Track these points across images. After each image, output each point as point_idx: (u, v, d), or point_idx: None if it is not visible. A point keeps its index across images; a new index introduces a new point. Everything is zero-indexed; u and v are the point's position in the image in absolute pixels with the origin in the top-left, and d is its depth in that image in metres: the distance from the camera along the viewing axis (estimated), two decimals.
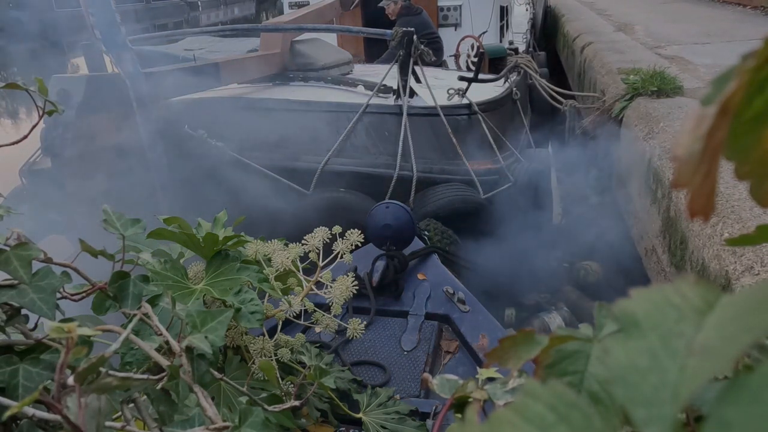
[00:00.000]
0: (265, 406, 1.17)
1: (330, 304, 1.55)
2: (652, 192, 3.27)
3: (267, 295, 1.44)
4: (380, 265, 2.56)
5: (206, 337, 0.96)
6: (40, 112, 0.98)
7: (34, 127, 1.02)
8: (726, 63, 0.31)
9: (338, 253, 1.58)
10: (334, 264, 1.59)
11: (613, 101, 4.51)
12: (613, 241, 4.01)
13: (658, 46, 6.44)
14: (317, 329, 1.63)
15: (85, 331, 0.66)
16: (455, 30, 7.06)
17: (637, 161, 3.70)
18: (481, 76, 4.53)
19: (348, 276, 1.58)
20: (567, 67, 8.36)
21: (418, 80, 4.25)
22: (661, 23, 8.24)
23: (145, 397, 0.83)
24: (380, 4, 6.39)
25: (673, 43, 6.53)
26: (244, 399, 1.17)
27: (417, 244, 2.83)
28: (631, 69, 4.68)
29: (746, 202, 2.26)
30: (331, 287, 1.55)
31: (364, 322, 1.67)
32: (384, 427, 1.64)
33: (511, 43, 7.37)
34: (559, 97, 5.15)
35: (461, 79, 4.42)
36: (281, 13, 7.29)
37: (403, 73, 4.06)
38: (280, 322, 1.54)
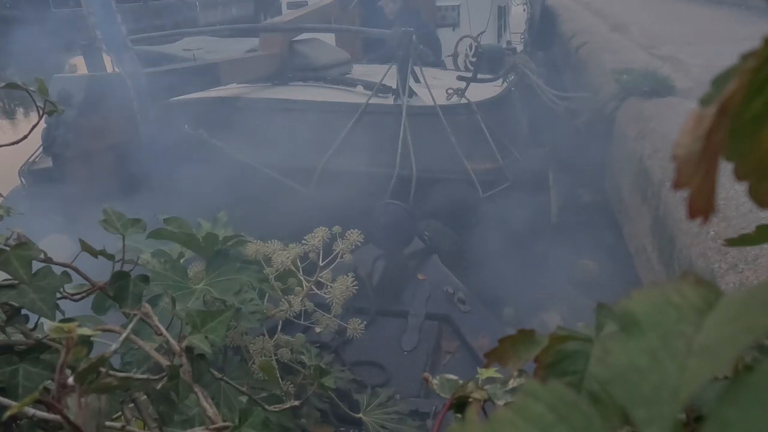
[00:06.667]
0: (265, 406, 1.17)
1: (330, 304, 1.55)
2: (642, 191, 3.28)
3: (267, 295, 1.44)
4: (380, 265, 2.57)
5: (206, 337, 0.96)
6: (40, 112, 0.97)
7: (34, 127, 1.02)
8: (720, 63, 0.31)
9: (338, 253, 1.58)
10: (334, 264, 1.59)
11: (606, 101, 4.51)
12: (608, 239, 4.01)
13: (652, 46, 6.44)
14: (317, 329, 1.63)
15: (85, 331, 0.66)
16: (453, 30, 7.05)
17: (628, 161, 3.71)
18: (479, 75, 4.53)
19: (348, 276, 1.58)
20: (563, 67, 8.37)
21: (417, 80, 4.25)
22: (656, 23, 8.24)
23: (145, 397, 0.83)
24: (378, 4, 6.39)
25: (667, 43, 6.52)
26: (244, 399, 1.17)
27: (417, 244, 2.83)
28: (623, 69, 4.67)
29: (732, 200, 2.27)
30: (331, 287, 1.55)
31: (364, 322, 1.67)
32: (384, 427, 1.64)
33: (508, 43, 7.37)
34: (554, 98, 5.15)
35: (460, 78, 4.42)
36: (279, 13, 7.28)
37: (402, 72, 4.06)
38: (280, 322, 1.54)
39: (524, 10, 9.92)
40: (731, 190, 2.32)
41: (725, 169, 0.31)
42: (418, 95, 4.18)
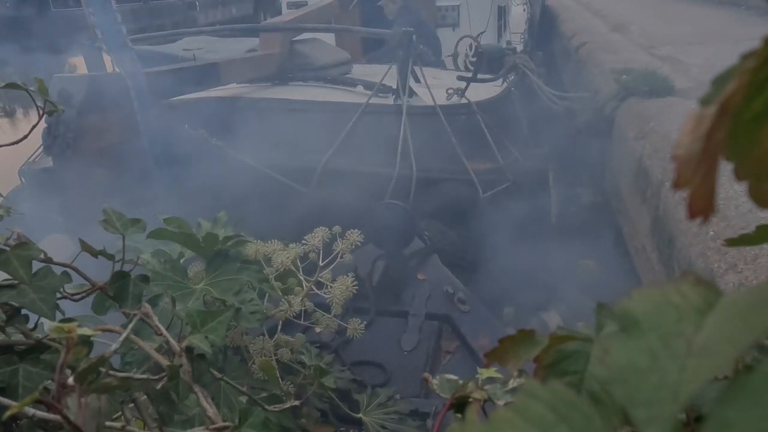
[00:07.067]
0: (265, 406, 1.17)
1: (330, 304, 1.55)
2: (642, 191, 3.28)
3: (267, 295, 1.44)
4: (380, 265, 2.56)
5: (206, 337, 0.96)
6: (40, 112, 0.98)
7: (34, 127, 1.02)
8: (720, 63, 0.31)
9: (338, 253, 1.58)
10: (334, 264, 1.59)
11: (606, 101, 4.51)
12: (608, 239, 4.02)
13: (652, 46, 6.43)
14: (317, 329, 1.63)
15: (85, 331, 0.66)
16: (453, 30, 7.06)
17: (627, 161, 3.71)
18: (479, 75, 4.54)
19: (348, 276, 1.58)
20: (563, 67, 8.37)
21: (417, 80, 4.25)
22: (656, 23, 8.23)
23: (145, 397, 0.83)
24: (378, 4, 6.39)
25: (667, 43, 6.52)
26: (244, 399, 1.17)
27: (417, 244, 2.83)
28: (623, 69, 4.68)
29: (731, 201, 2.27)
30: (331, 287, 1.55)
31: (364, 322, 1.67)
32: (384, 427, 1.64)
33: (508, 43, 7.37)
34: (554, 98, 5.15)
35: (460, 78, 4.42)
36: (279, 13, 7.29)
37: (402, 72, 4.06)
38: (280, 322, 1.54)
39: (524, 10, 9.92)
40: (731, 190, 2.32)
41: (725, 169, 0.31)
42: (418, 95, 4.18)
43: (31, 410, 0.65)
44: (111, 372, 0.70)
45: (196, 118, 3.73)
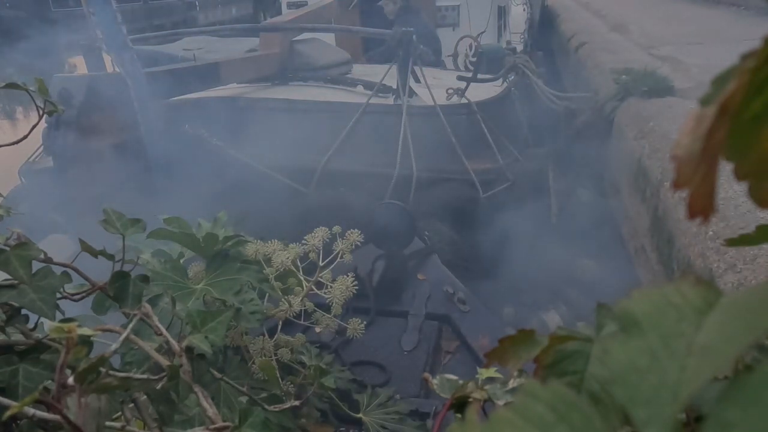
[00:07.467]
0: (265, 406, 1.17)
1: (330, 304, 1.55)
2: (641, 191, 3.28)
3: (267, 295, 1.44)
4: (380, 265, 2.56)
5: (206, 337, 0.96)
6: (40, 112, 0.98)
7: (34, 127, 1.02)
8: (719, 63, 0.31)
9: (338, 253, 1.58)
10: (334, 264, 1.59)
11: (605, 101, 4.51)
12: (608, 239, 4.02)
13: (651, 46, 6.43)
14: (317, 329, 1.63)
15: (85, 331, 0.66)
16: (453, 30, 7.06)
17: (627, 161, 3.71)
18: (479, 75, 4.54)
19: (348, 276, 1.58)
20: (562, 67, 8.37)
21: (417, 80, 4.25)
22: (655, 23, 8.23)
23: (145, 397, 0.83)
24: (378, 4, 6.39)
25: (666, 44, 6.52)
26: (244, 399, 1.17)
27: (417, 245, 2.83)
28: (623, 69, 4.68)
29: (731, 201, 2.27)
30: (331, 287, 1.55)
31: (364, 322, 1.67)
32: (384, 427, 1.64)
33: (508, 43, 7.37)
34: (554, 98, 5.15)
35: (460, 78, 4.42)
36: (279, 13, 7.29)
37: (402, 72, 4.07)
38: (280, 322, 1.54)
39: (524, 10, 9.92)
40: (731, 190, 2.32)
41: (725, 169, 0.31)
42: (418, 95, 4.18)
43: (31, 410, 0.65)
44: (111, 372, 0.70)
45: (196, 118, 3.73)
